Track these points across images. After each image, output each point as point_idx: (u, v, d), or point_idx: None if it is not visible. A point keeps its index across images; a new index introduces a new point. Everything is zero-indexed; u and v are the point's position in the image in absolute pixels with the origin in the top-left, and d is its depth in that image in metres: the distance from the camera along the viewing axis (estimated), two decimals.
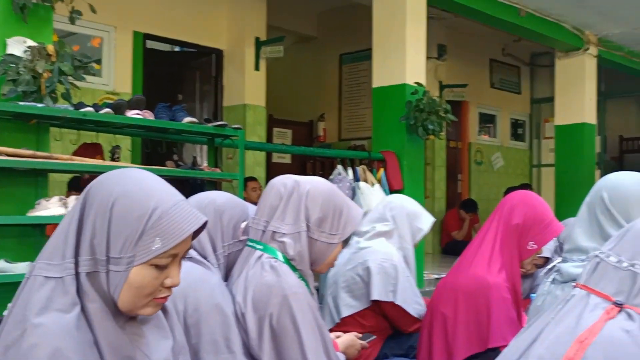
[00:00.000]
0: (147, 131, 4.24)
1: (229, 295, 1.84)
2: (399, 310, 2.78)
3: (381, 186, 5.33)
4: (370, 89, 5.91)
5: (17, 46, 3.34)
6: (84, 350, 1.16)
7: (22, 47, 3.34)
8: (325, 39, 9.23)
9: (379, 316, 2.85)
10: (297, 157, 8.52)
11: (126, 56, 6.34)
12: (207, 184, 4.54)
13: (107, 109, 3.65)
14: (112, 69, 6.23)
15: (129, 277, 1.21)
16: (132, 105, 3.81)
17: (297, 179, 1.93)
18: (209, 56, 7.30)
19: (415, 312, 2.80)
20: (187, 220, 1.25)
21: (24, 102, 3.22)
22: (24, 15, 3.36)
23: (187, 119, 3.98)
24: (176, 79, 7.46)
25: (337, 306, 2.87)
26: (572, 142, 8.30)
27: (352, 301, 2.83)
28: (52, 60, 3.30)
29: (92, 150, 4.28)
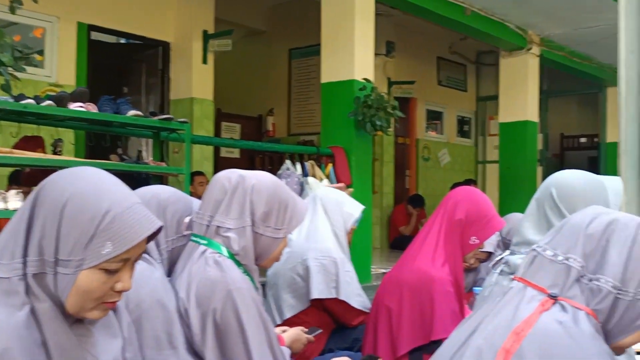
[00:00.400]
0: (90, 124, 4.15)
1: (171, 290, 1.81)
2: (343, 305, 2.80)
3: (329, 181, 5.36)
4: (319, 84, 5.92)
5: None
6: (32, 350, 1.13)
7: None
8: (274, 34, 9.20)
9: (322, 312, 2.87)
10: (245, 152, 8.48)
11: (70, 47, 6.19)
12: (153, 179, 4.48)
13: (49, 102, 3.56)
14: (55, 60, 6.07)
15: (77, 281, 1.18)
16: (75, 97, 3.73)
17: (242, 173, 1.92)
18: (155, 49, 7.19)
19: (358, 304, 2.83)
20: (140, 224, 1.22)
21: None
22: None
23: (132, 112, 3.92)
24: (122, 72, 7.33)
25: (279, 307, 2.87)
26: (516, 139, 8.51)
27: (294, 301, 2.84)
28: None
29: (33, 143, 4.16)
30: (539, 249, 1.34)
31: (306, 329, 2.43)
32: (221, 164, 7.34)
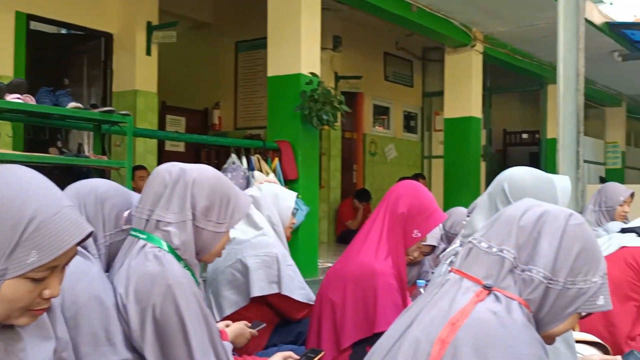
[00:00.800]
0: (28, 116, 4.03)
1: (109, 286, 1.77)
2: (286, 299, 2.80)
3: (276, 176, 5.34)
4: (266, 77, 5.89)
5: None
6: None
7: None
8: (221, 26, 9.11)
9: (264, 307, 2.86)
10: (191, 146, 8.38)
11: (7, 38, 5.99)
12: (94, 172, 4.38)
13: None
14: None
15: (0, 290, 1.11)
16: (12, 89, 3.62)
17: (183, 166, 1.89)
18: (98, 39, 7.03)
19: (302, 297, 2.83)
20: (68, 231, 1.15)
21: None
22: None
23: (72, 104, 3.82)
24: (63, 63, 7.14)
25: (218, 304, 2.84)
26: (460, 134, 8.66)
27: (235, 297, 2.82)
28: None
29: None
30: (474, 240, 1.36)
31: (249, 324, 2.41)
32: (166, 158, 7.23)
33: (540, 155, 11.44)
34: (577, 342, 2.24)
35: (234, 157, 5.18)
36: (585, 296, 1.31)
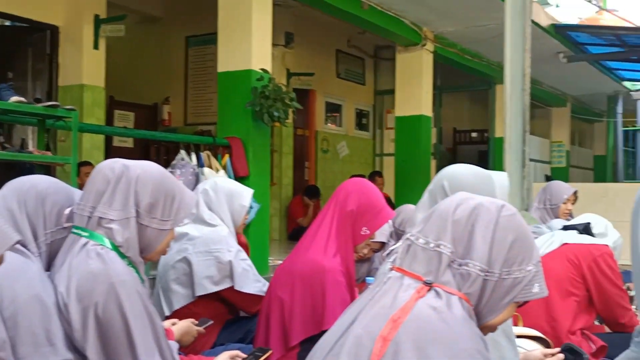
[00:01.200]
0: None
1: (50, 285, 1.73)
2: (239, 293, 2.79)
3: (226, 172, 5.30)
4: (217, 73, 5.83)
5: None
6: None
7: None
8: (171, 20, 8.98)
9: (216, 302, 2.84)
10: (140, 141, 8.24)
11: None
12: (37, 168, 4.26)
13: None
14: None
15: None
16: None
17: (126, 162, 1.85)
18: (43, 32, 6.83)
19: (256, 290, 2.82)
20: None
21: None
22: None
23: (14, 98, 3.72)
24: (6, 56, 6.91)
25: (168, 299, 2.82)
26: (411, 133, 8.75)
27: (184, 291, 2.79)
28: None
29: None
30: (412, 237, 1.38)
31: (196, 321, 2.39)
32: (114, 154, 7.07)
33: (488, 153, 11.66)
34: (520, 336, 2.30)
35: (183, 153, 5.11)
36: (520, 285, 1.33)
